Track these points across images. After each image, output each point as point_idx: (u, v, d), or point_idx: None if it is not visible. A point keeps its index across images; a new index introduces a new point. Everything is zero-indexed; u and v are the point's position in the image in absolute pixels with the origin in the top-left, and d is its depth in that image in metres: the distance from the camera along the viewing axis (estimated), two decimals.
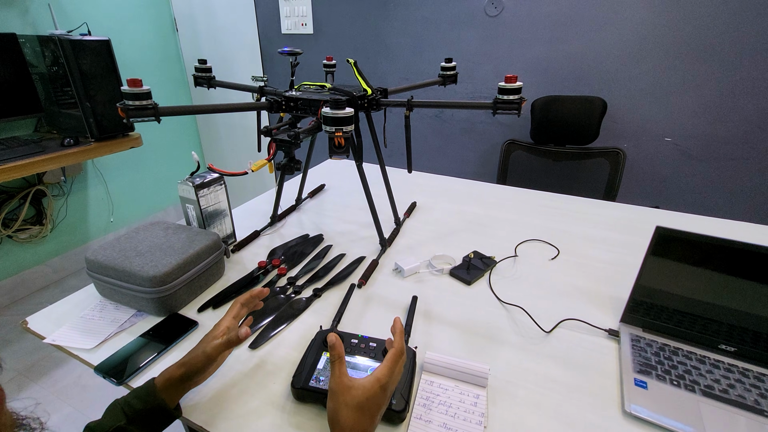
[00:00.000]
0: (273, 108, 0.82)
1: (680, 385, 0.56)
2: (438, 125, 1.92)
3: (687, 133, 1.44)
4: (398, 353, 0.47)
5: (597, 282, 0.79)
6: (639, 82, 1.46)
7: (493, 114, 0.74)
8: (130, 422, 0.45)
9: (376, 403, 0.44)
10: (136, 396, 0.47)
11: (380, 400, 0.44)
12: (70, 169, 1.93)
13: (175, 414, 0.49)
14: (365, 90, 0.84)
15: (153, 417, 0.46)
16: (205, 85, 1.00)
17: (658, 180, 1.53)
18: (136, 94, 0.64)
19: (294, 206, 1.13)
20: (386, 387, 0.45)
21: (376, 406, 0.44)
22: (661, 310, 0.65)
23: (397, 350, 0.47)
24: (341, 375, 0.45)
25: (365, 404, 0.43)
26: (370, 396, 0.43)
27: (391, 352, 0.47)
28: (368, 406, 0.43)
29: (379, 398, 0.44)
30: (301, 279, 0.80)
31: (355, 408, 0.42)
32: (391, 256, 0.89)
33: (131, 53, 2.19)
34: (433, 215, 1.08)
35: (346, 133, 0.55)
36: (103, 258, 0.70)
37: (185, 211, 0.87)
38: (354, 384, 0.44)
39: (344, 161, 1.52)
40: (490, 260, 0.85)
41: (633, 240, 0.94)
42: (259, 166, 0.82)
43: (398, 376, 0.48)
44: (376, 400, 0.44)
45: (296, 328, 0.67)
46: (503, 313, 0.71)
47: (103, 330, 0.65)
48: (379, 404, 0.44)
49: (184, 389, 0.50)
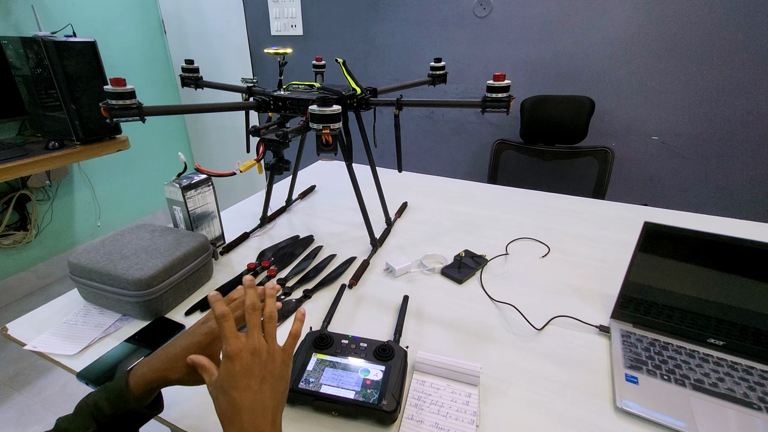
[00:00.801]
0: (261, 108, 0.81)
1: (671, 379, 0.56)
2: (429, 126, 1.93)
3: (673, 131, 1.46)
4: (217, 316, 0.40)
5: (587, 279, 0.80)
6: (626, 82, 1.48)
7: (482, 112, 0.74)
8: (100, 428, 0.41)
9: (234, 374, 0.38)
10: (106, 398, 0.42)
11: (234, 369, 0.39)
12: (55, 173, 1.89)
13: (154, 413, 0.45)
14: (354, 89, 0.83)
15: (126, 420, 0.42)
16: (192, 85, 0.99)
17: (646, 178, 1.55)
18: (119, 93, 0.63)
19: (284, 207, 1.12)
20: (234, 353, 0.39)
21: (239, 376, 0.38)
22: (650, 305, 0.66)
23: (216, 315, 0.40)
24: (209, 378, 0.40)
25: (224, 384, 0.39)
26: (224, 374, 0.39)
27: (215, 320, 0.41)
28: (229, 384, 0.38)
29: (232, 369, 0.39)
30: (291, 280, 0.79)
31: (220, 395, 0.39)
32: (382, 256, 0.88)
33: (118, 55, 2.16)
34: (424, 215, 1.08)
35: (334, 131, 0.55)
36: (86, 261, 0.68)
37: (172, 213, 0.85)
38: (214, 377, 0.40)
39: (335, 162, 1.51)
40: (481, 259, 0.84)
41: (622, 237, 0.95)
42: (247, 166, 0.81)
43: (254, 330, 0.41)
44: (231, 371, 0.39)
45: (286, 330, 0.66)
46: (495, 312, 0.71)
47: (87, 335, 0.64)
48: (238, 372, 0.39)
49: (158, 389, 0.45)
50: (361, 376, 0.53)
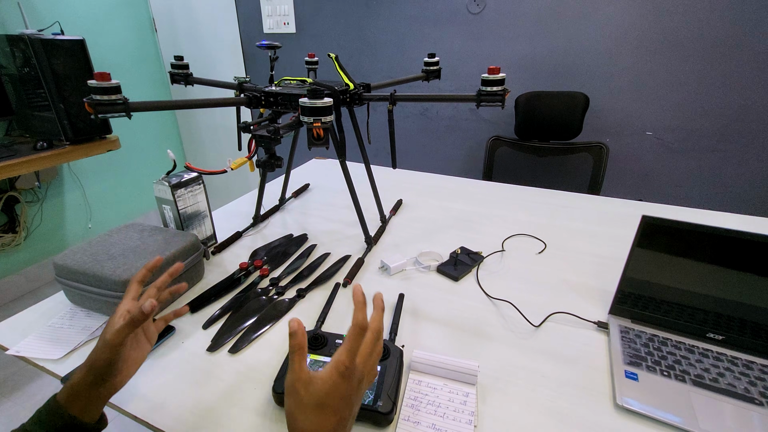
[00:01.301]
0: (252, 103, 0.79)
1: (671, 375, 0.55)
2: (423, 123, 1.92)
3: (667, 126, 1.46)
4: (356, 328, 0.37)
5: (584, 275, 0.79)
6: (620, 78, 1.47)
7: (477, 106, 0.73)
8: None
9: (339, 395, 0.35)
10: (36, 421, 0.39)
11: (343, 390, 0.35)
12: (44, 174, 1.86)
13: (97, 427, 0.42)
14: (347, 84, 0.82)
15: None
16: (182, 82, 0.97)
17: (641, 174, 1.55)
18: (104, 88, 0.61)
19: (277, 206, 1.10)
20: (349, 374, 0.36)
21: (341, 399, 0.35)
22: (648, 300, 0.65)
23: (354, 325, 0.37)
24: (300, 370, 0.37)
25: (325, 400, 0.35)
26: (329, 389, 0.35)
27: (349, 329, 0.38)
28: (329, 402, 0.35)
29: (341, 389, 0.35)
30: (284, 280, 0.78)
31: (314, 407, 0.35)
32: (377, 255, 0.87)
33: (108, 54, 2.13)
34: (419, 212, 1.07)
35: (325, 124, 0.53)
36: (72, 263, 0.66)
37: (162, 213, 0.83)
38: (313, 378, 0.36)
39: (329, 160, 1.50)
40: (477, 256, 0.83)
41: (618, 232, 0.94)
42: (238, 164, 0.79)
43: (369, 357, 0.38)
44: (338, 392, 0.35)
45: (279, 331, 0.65)
46: (491, 309, 0.70)
47: (73, 339, 0.62)
48: (343, 396, 0.36)
49: (99, 397, 0.42)
50: None
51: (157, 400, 0.52)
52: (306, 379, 0.37)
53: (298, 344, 0.38)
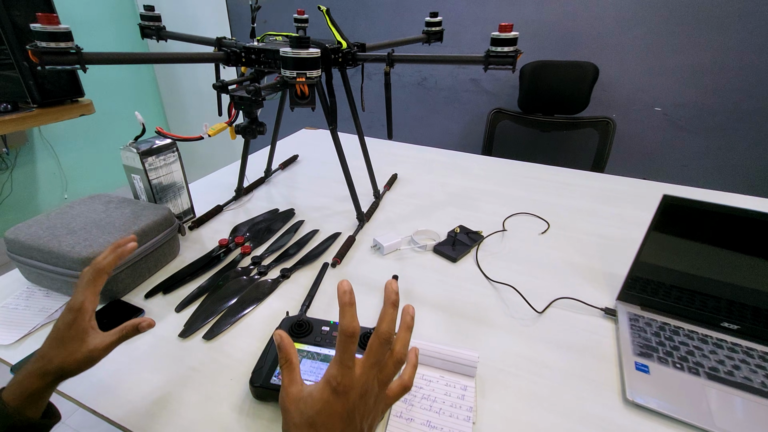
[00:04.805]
0: (231, 60, 0.70)
1: (683, 367, 0.52)
2: (421, 94, 1.81)
3: (676, 101, 1.39)
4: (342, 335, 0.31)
5: (589, 257, 0.74)
6: (631, 48, 1.38)
7: (485, 69, 0.65)
8: None
9: (334, 414, 0.30)
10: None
11: (339, 408, 0.30)
12: (12, 139, 1.73)
13: (48, 423, 0.38)
14: (340, 42, 0.73)
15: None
16: (154, 36, 0.87)
17: (646, 152, 1.49)
18: (51, 33, 0.52)
19: (262, 178, 1.02)
20: (344, 389, 0.31)
21: (337, 418, 0.30)
22: (658, 286, 0.60)
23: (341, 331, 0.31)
24: (290, 385, 0.33)
25: (317, 419, 0.30)
26: (321, 407, 0.30)
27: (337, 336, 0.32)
28: (322, 421, 0.30)
29: (336, 407, 0.30)
30: (267, 258, 0.71)
31: (306, 427, 0.30)
32: (369, 232, 0.81)
33: (78, 9, 1.95)
34: (415, 188, 1.00)
35: (311, 79, 0.45)
36: (26, 237, 0.59)
37: (131, 183, 0.75)
38: (305, 394, 0.32)
39: (320, 131, 1.41)
40: (477, 235, 0.78)
41: (624, 212, 0.89)
42: (217, 130, 0.71)
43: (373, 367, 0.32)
44: (332, 410, 0.30)
45: (260, 315, 0.59)
46: (492, 293, 0.65)
47: (28, 321, 0.55)
48: (340, 415, 0.30)
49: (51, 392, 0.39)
50: None
51: (119, 392, 0.47)
52: (296, 395, 0.32)
53: (284, 358, 0.34)
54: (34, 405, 0.37)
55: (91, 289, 0.40)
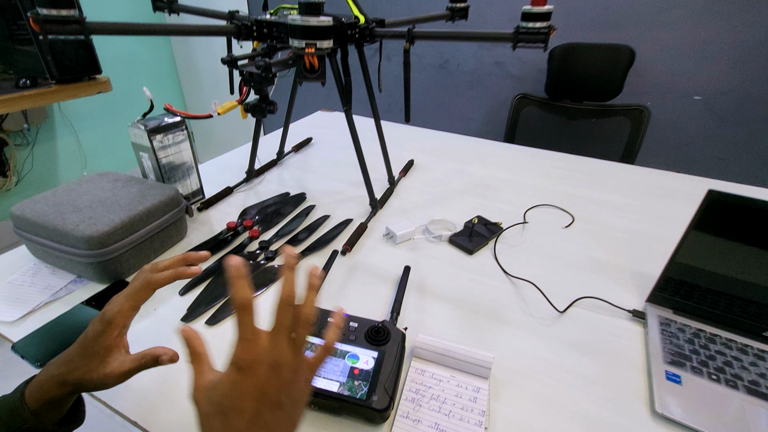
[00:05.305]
0: (242, 34, 0.67)
1: (720, 379, 0.47)
2: (442, 77, 1.74)
3: (719, 90, 1.28)
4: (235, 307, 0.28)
5: (617, 254, 0.69)
6: (672, 30, 1.28)
7: (513, 47, 0.60)
8: None
9: (246, 394, 0.27)
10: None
11: (249, 386, 0.27)
12: (33, 116, 1.75)
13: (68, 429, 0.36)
14: (357, 17, 0.68)
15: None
16: (165, 9, 0.84)
17: (681, 143, 1.39)
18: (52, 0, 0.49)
19: (275, 161, 1.00)
20: (250, 364, 0.28)
21: (250, 398, 0.27)
22: (693, 288, 0.55)
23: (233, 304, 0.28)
24: (198, 378, 0.30)
25: (227, 403, 0.27)
26: (228, 390, 0.28)
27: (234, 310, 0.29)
28: (233, 404, 0.27)
29: (246, 385, 0.27)
30: (275, 243, 0.69)
31: (216, 415, 0.28)
32: (382, 220, 0.77)
33: None
34: (432, 175, 0.96)
35: (321, 50, 0.41)
36: (31, 213, 0.58)
37: (139, 161, 0.74)
38: (212, 383, 0.29)
39: (335, 113, 1.37)
40: (495, 227, 0.73)
41: (655, 207, 0.83)
42: (226, 108, 0.68)
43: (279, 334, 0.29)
44: (242, 389, 0.27)
45: (265, 302, 0.57)
46: (510, 289, 0.61)
47: (33, 298, 0.55)
48: (252, 394, 0.27)
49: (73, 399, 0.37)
50: (348, 364, 0.44)
51: None
52: (206, 385, 0.29)
53: (192, 353, 0.31)
54: (53, 410, 0.35)
55: (131, 302, 0.36)
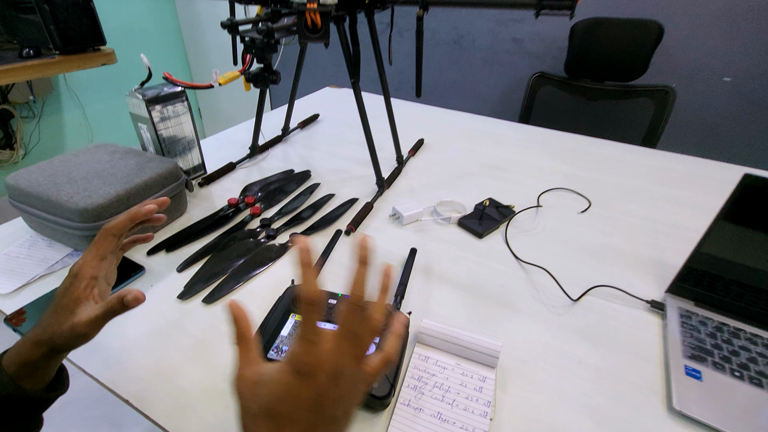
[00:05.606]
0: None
1: (743, 377, 0.44)
2: (456, 54, 1.67)
3: (752, 72, 1.20)
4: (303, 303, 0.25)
5: (635, 242, 0.65)
6: (706, 5, 1.19)
7: (536, 15, 0.55)
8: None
9: (299, 401, 0.25)
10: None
11: (303, 393, 0.25)
12: (38, 87, 1.73)
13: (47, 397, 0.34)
14: None
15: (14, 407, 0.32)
16: None
17: (707, 127, 1.32)
18: None
19: (280, 137, 0.96)
20: (310, 369, 0.25)
21: (302, 406, 0.25)
22: (716, 279, 0.52)
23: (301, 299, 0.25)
24: (245, 366, 0.27)
25: (277, 407, 0.25)
26: (281, 393, 0.25)
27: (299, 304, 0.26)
28: (283, 409, 0.25)
29: (301, 392, 0.25)
30: (277, 222, 0.67)
31: (262, 416, 0.25)
32: (389, 200, 0.74)
33: None
34: (442, 155, 0.92)
35: (323, 6, 0.38)
36: (26, 183, 0.56)
37: (138, 133, 0.71)
38: (262, 376, 0.26)
39: (344, 90, 1.32)
40: (507, 210, 0.70)
41: (677, 193, 0.78)
42: (228, 78, 0.65)
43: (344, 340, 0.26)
44: (295, 396, 0.25)
45: (264, 282, 0.55)
46: (520, 275, 0.58)
47: (28, 271, 0.53)
48: (306, 402, 0.25)
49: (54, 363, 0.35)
50: None
51: (110, 353, 0.44)
52: (252, 378, 0.26)
53: (239, 334, 0.28)
54: (32, 375, 0.33)
55: (92, 252, 0.35)
